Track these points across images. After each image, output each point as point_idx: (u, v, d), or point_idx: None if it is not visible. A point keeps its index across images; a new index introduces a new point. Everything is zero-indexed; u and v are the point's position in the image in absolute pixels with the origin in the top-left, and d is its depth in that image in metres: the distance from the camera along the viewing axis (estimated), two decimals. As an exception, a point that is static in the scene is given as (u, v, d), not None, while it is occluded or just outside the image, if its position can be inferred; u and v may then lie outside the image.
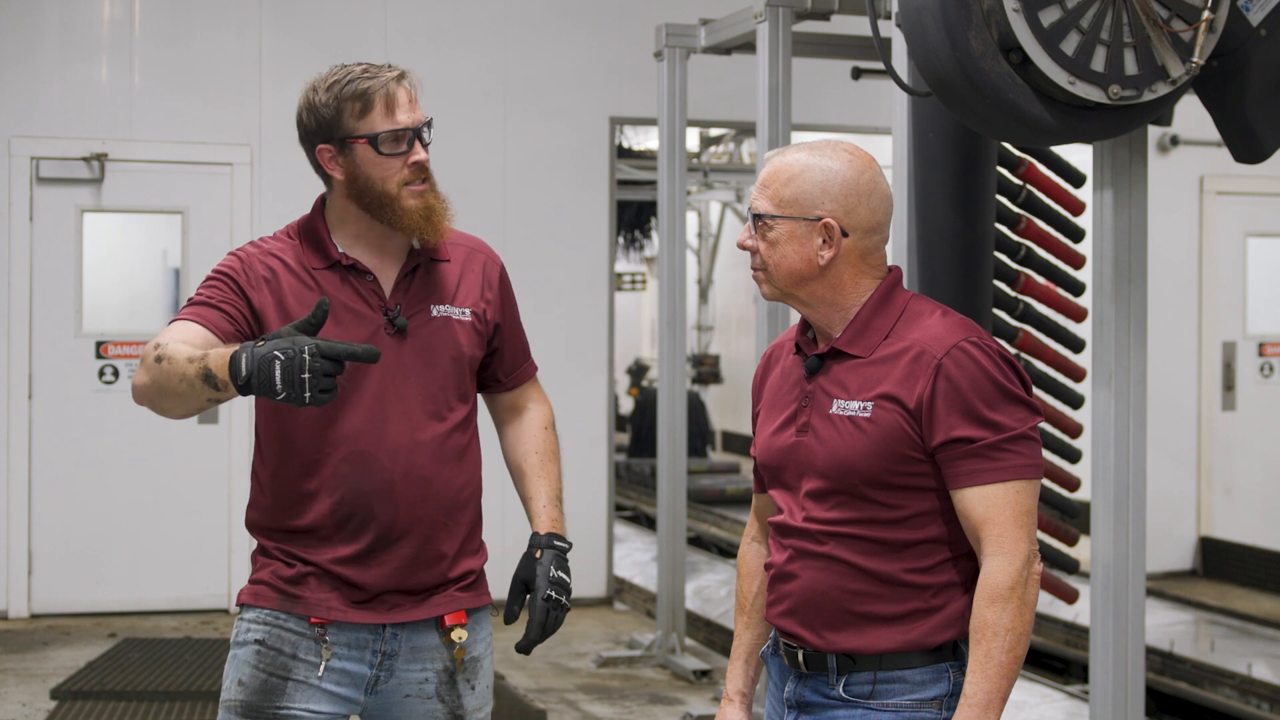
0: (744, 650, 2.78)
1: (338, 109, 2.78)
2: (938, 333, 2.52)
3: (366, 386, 2.80)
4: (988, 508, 2.46)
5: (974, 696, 2.43)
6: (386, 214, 2.81)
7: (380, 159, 2.79)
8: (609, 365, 8.60)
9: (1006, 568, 2.44)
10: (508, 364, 3.03)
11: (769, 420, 2.67)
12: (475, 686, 2.92)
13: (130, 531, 7.94)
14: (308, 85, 2.83)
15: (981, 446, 2.46)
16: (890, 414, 2.49)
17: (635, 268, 16.39)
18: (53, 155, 7.90)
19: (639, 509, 12.14)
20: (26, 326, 7.86)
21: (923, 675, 2.54)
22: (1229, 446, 9.51)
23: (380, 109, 2.77)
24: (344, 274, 2.84)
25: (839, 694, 2.57)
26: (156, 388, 2.61)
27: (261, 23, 8.11)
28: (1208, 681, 7.05)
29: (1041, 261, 5.13)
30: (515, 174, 8.38)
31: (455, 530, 2.88)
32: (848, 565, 2.54)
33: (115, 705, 6.17)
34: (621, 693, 6.61)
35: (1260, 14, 3.86)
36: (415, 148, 2.81)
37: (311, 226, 2.88)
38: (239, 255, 2.86)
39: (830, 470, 2.53)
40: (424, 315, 2.87)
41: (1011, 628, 2.43)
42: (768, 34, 5.75)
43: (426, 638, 2.87)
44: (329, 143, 2.80)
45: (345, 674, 2.82)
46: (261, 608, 2.83)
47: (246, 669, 2.81)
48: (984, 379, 2.47)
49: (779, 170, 2.58)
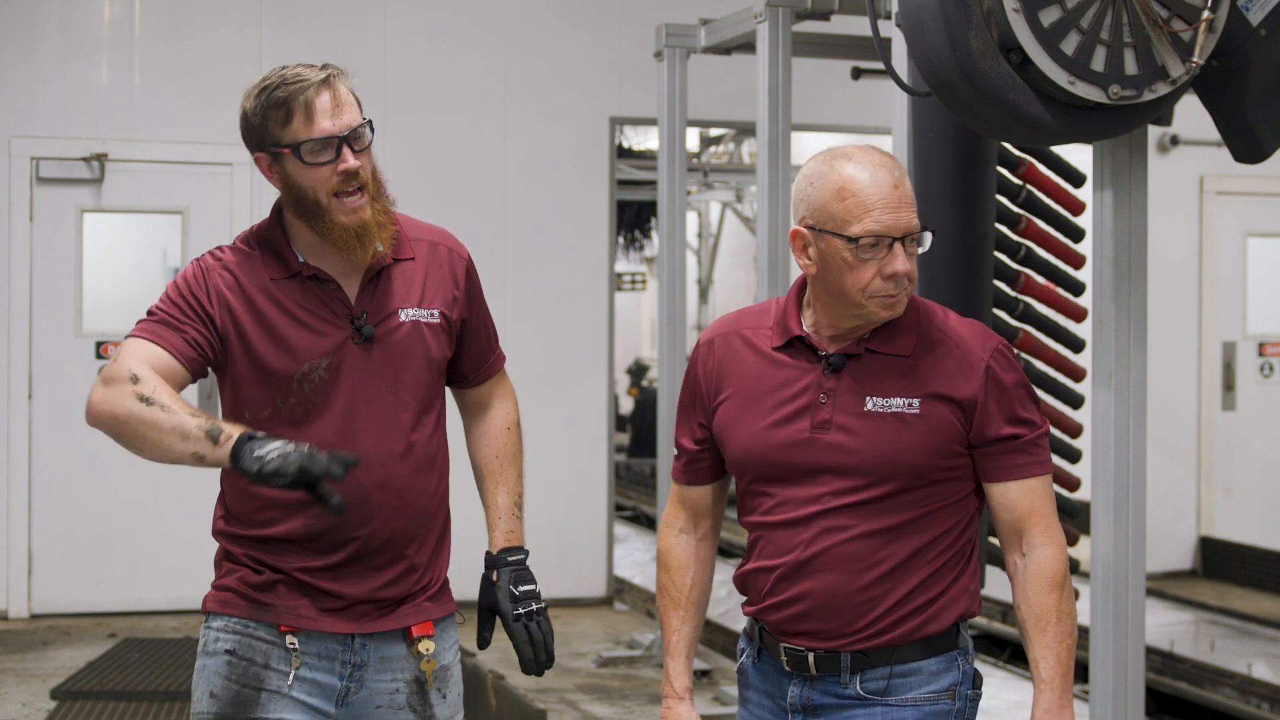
0: (685, 645, 2.78)
1: (264, 117, 2.69)
2: (969, 333, 2.61)
3: (337, 398, 2.73)
4: (1033, 500, 2.57)
5: (1051, 680, 2.52)
6: (319, 226, 2.71)
7: (306, 168, 2.68)
8: (609, 365, 8.60)
9: (1059, 555, 2.57)
10: (475, 361, 2.95)
11: (748, 416, 2.63)
12: (446, 695, 2.87)
13: (130, 531, 7.94)
14: (245, 89, 2.74)
15: (1023, 442, 2.58)
16: (941, 410, 2.55)
17: (635, 268, 16.39)
18: (53, 155, 7.90)
19: (639, 509, 12.14)
20: (26, 326, 7.86)
21: (936, 665, 2.58)
22: (1229, 446, 9.51)
23: (300, 118, 2.66)
24: (305, 284, 2.74)
25: (855, 692, 2.57)
26: (132, 426, 2.56)
27: (261, 23, 8.11)
28: (1208, 681, 7.05)
29: (1041, 261, 5.12)
30: (515, 174, 8.38)
31: (427, 540, 2.83)
32: (867, 563, 2.55)
33: (115, 705, 6.17)
34: (621, 693, 6.61)
35: (1260, 14, 3.85)
36: (344, 154, 2.67)
37: (269, 236, 2.79)
38: (200, 268, 2.76)
39: (872, 465, 2.54)
40: (392, 320, 2.77)
41: (1069, 611, 2.56)
42: (768, 34, 5.75)
43: (394, 648, 2.81)
44: (262, 151, 2.73)
45: (316, 685, 2.76)
46: (230, 616, 2.77)
47: (218, 680, 2.75)
48: (1019, 380, 2.60)
49: (901, 181, 2.54)
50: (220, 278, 2.74)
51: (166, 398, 2.54)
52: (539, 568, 2.98)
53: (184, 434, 2.51)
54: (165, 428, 2.52)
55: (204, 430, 2.50)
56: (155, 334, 2.67)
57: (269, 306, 2.73)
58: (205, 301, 2.72)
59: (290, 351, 2.72)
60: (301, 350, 2.72)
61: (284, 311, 2.73)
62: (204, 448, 2.50)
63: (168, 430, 2.52)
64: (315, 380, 2.72)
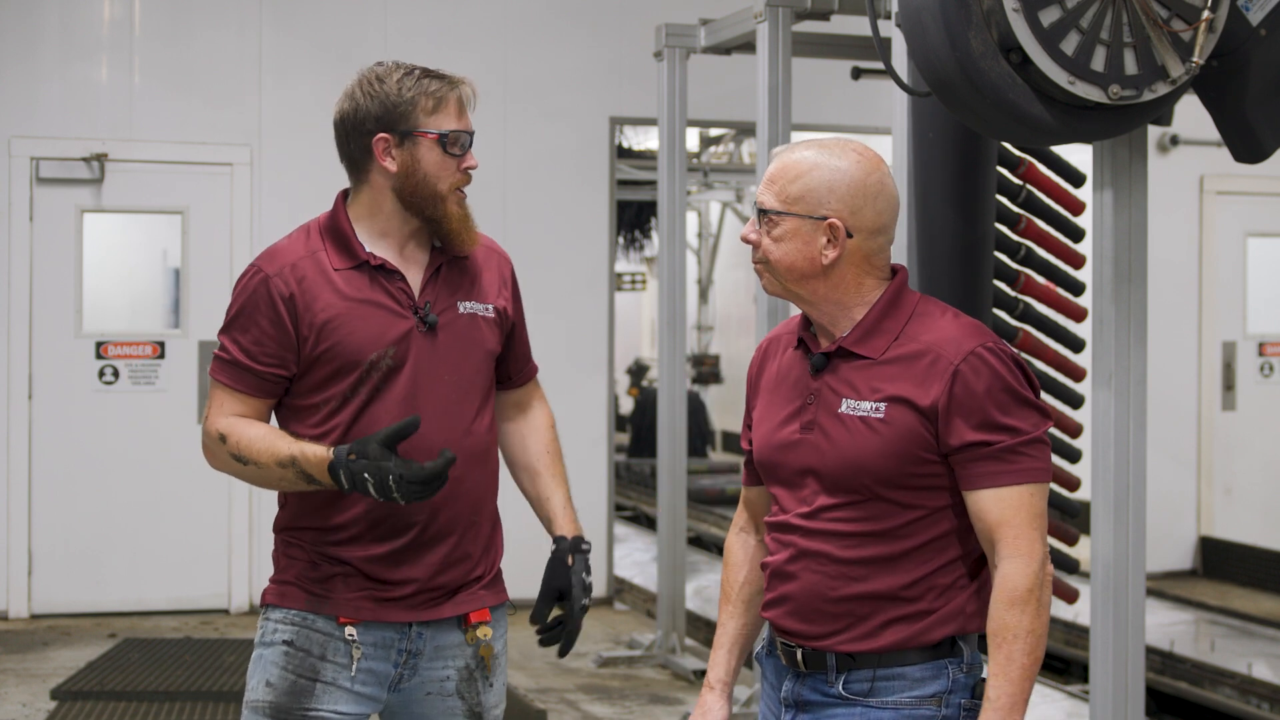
0: (727, 639, 2.77)
1: (412, 100, 2.78)
2: (952, 335, 2.53)
3: (402, 385, 2.80)
4: (1003, 510, 2.47)
5: (998, 700, 2.44)
6: (430, 211, 2.82)
7: (442, 158, 2.80)
8: (609, 365, 8.60)
9: (1025, 570, 2.45)
10: (519, 362, 3.06)
11: (767, 415, 2.66)
12: (494, 684, 2.94)
13: (130, 531, 7.94)
14: (366, 74, 2.82)
15: (998, 450, 2.48)
16: (905, 416, 2.49)
17: (635, 268, 16.38)
18: (53, 155, 7.90)
19: (639, 509, 12.14)
20: (26, 326, 7.86)
21: (922, 672, 2.54)
22: (1229, 446, 9.51)
23: (453, 109, 2.81)
24: (372, 274, 2.82)
25: (838, 692, 2.56)
26: (243, 478, 2.81)
27: (261, 23, 8.11)
28: (1208, 681, 7.05)
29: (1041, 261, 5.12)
30: (515, 174, 8.38)
31: (481, 529, 2.90)
32: (851, 565, 2.53)
33: (115, 705, 6.17)
34: (622, 693, 6.61)
35: (1260, 14, 3.85)
36: (469, 154, 2.84)
37: (336, 226, 2.86)
38: (262, 282, 2.80)
39: (840, 469, 2.53)
40: (453, 312, 2.88)
41: (1031, 629, 2.44)
42: (768, 34, 5.75)
43: (450, 635, 2.88)
44: (391, 132, 2.79)
45: (371, 673, 2.82)
46: (289, 608, 2.83)
47: (275, 670, 2.80)
48: (999, 385, 2.49)
49: (787, 166, 2.57)
50: (282, 285, 2.79)
51: (258, 448, 2.75)
52: (537, 568, 3.00)
53: (281, 477, 2.74)
54: (268, 477, 2.77)
55: (295, 473, 2.72)
56: (233, 380, 2.81)
57: (336, 298, 2.80)
58: (274, 321, 2.79)
59: (359, 340, 2.79)
60: (370, 339, 2.79)
61: (352, 301, 2.80)
62: (302, 484, 2.73)
63: (271, 479, 2.77)
64: (383, 368, 2.80)
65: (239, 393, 2.80)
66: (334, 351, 2.78)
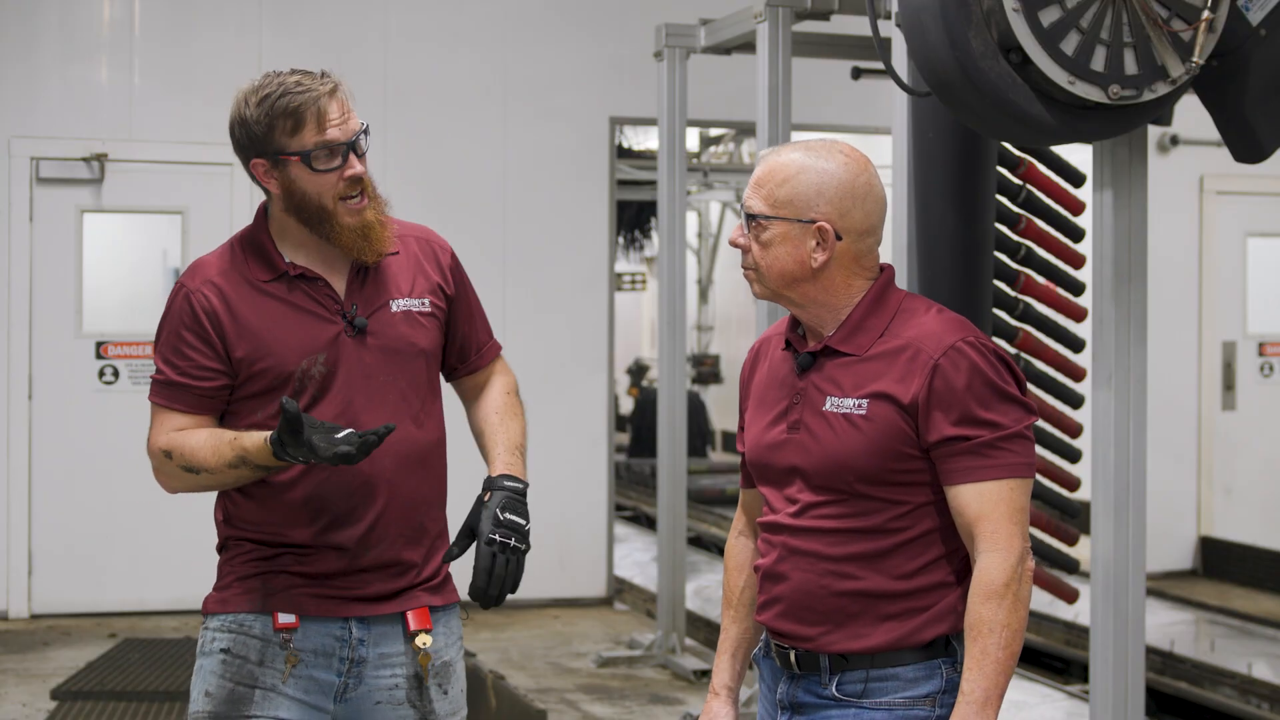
0: (730, 644, 2.77)
1: (269, 125, 2.71)
2: (933, 330, 2.52)
3: (337, 391, 2.77)
4: (982, 504, 2.47)
5: (971, 694, 2.43)
6: (324, 229, 2.76)
7: (314, 175, 2.73)
8: (609, 365, 8.60)
9: (1001, 564, 2.45)
10: (469, 350, 2.99)
11: (758, 416, 2.66)
12: (448, 691, 2.87)
13: (130, 531, 7.94)
14: (239, 95, 2.75)
15: (977, 444, 2.47)
16: (887, 411, 2.49)
17: (635, 268, 16.38)
18: (53, 155, 7.89)
19: (639, 509, 12.14)
20: (26, 326, 7.86)
21: (915, 672, 2.54)
22: (1229, 446, 9.51)
23: (312, 125, 2.71)
24: (293, 283, 2.79)
25: (832, 693, 2.56)
26: (204, 487, 2.82)
27: (261, 23, 8.11)
28: (1208, 681, 7.05)
29: (1041, 261, 5.13)
30: (515, 174, 8.38)
31: (424, 536, 2.85)
32: (839, 562, 2.53)
33: (115, 705, 6.17)
34: (622, 693, 6.61)
35: (1260, 14, 3.86)
36: (350, 161, 2.74)
37: (255, 239, 2.84)
38: (184, 298, 2.81)
39: (824, 467, 2.53)
40: (384, 311, 2.82)
41: (1007, 624, 2.44)
42: (768, 34, 5.75)
43: (394, 644, 2.82)
44: (262, 157, 2.75)
45: (313, 681, 2.78)
46: (225, 614, 2.81)
47: (213, 679, 2.78)
48: (979, 379, 2.48)
49: (774, 170, 2.56)
50: (204, 300, 2.79)
51: (204, 455, 2.75)
52: (539, 568, 2.99)
53: (237, 476, 2.75)
54: (224, 480, 2.77)
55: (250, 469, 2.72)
56: (170, 399, 2.80)
57: (259, 309, 2.78)
58: (200, 335, 2.78)
59: (286, 349, 2.76)
60: (297, 347, 2.76)
61: (274, 312, 2.78)
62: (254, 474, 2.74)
63: (227, 480, 2.78)
64: (315, 375, 2.77)
65: (178, 411, 2.79)
66: (263, 364, 2.76)
